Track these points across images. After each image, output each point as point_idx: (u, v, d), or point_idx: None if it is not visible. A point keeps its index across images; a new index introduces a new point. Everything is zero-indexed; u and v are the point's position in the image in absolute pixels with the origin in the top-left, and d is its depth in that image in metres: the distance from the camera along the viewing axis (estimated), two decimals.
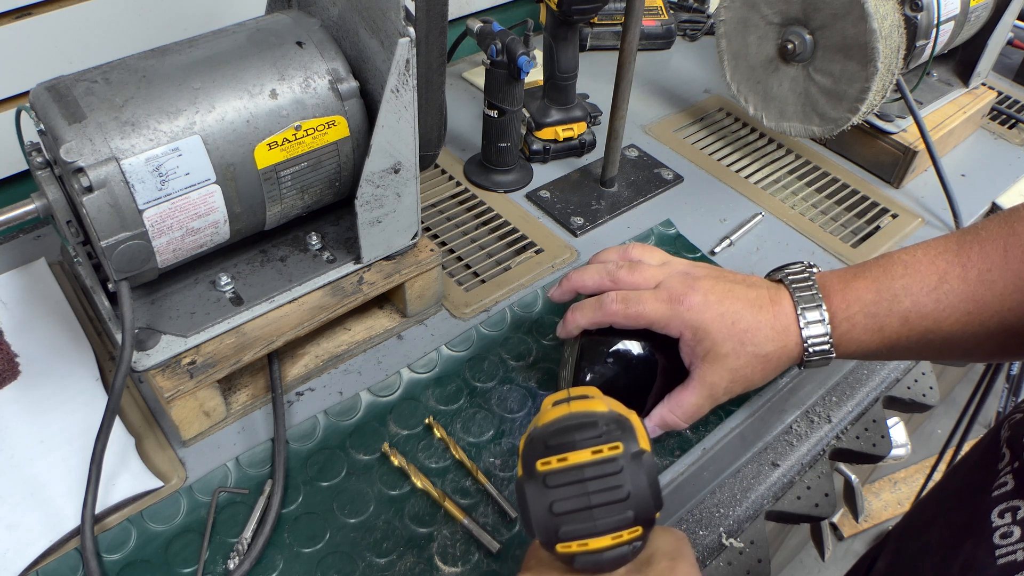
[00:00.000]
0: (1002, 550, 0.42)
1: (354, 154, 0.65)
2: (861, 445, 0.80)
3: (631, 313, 0.62)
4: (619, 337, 0.65)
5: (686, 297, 0.61)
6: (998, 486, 0.45)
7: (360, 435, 0.68)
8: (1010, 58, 1.26)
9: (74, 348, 0.71)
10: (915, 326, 0.57)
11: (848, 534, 1.84)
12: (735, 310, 0.60)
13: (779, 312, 0.60)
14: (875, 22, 0.80)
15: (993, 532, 0.43)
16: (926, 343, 0.58)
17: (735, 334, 0.60)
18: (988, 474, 0.47)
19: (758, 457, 0.75)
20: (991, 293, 0.55)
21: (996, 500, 0.44)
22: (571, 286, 0.68)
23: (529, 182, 0.96)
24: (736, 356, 0.60)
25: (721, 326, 0.60)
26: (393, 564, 0.60)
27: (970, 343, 0.57)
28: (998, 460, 0.47)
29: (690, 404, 0.62)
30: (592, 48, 1.23)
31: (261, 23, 0.64)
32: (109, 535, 0.60)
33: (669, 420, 0.63)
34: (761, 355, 0.60)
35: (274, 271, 0.69)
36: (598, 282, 0.66)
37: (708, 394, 0.61)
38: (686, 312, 0.60)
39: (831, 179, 1.00)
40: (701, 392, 0.61)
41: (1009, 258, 0.55)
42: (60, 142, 0.52)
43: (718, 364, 0.60)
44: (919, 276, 0.58)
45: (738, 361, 0.60)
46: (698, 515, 0.70)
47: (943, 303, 0.57)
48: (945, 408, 2.06)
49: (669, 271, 0.64)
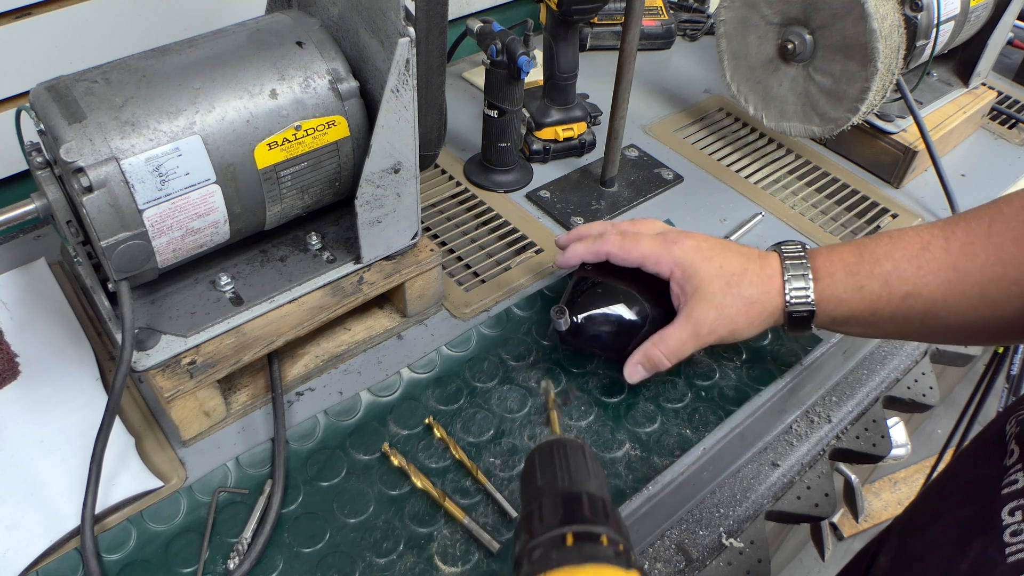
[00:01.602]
0: (1013, 547, 0.42)
1: (354, 154, 0.65)
2: (861, 445, 0.80)
3: (627, 246, 0.66)
4: (612, 277, 0.70)
5: (680, 240, 0.66)
6: (1008, 483, 0.45)
7: (360, 435, 0.68)
8: (1010, 58, 1.26)
9: (74, 348, 0.71)
10: (895, 289, 0.59)
11: (848, 534, 1.84)
12: (724, 256, 0.64)
13: (766, 265, 0.64)
14: (875, 22, 0.80)
15: (1004, 530, 0.43)
16: (908, 309, 0.59)
17: (722, 275, 0.63)
18: (995, 470, 0.46)
19: (758, 457, 0.75)
20: (972, 264, 0.57)
21: (1006, 498, 0.44)
22: (577, 234, 0.72)
23: (529, 182, 0.96)
24: (722, 295, 0.63)
25: (710, 267, 0.64)
26: (393, 564, 0.60)
27: (952, 315, 0.58)
28: (1005, 456, 0.46)
29: (674, 339, 0.64)
30: (592, 48, 1.23)
31: (261, 23, 0.64)
32: (109, 535, 0.60)
33: (653, 355, 0.65)
34: (746, 297, 0.63)
35: (274, 271, 0.69)
36: (601, 228, 0.71)
37: (693, 331, 0.63)
38: (678, 251, 0.65)
39: (831, 179, 1.01)
40: (686, 327, 0.64)
41: (992, 233, 0.56)
42: (60, 142, 0.52)
43: (704, 301, 0.63)
44: (902, 244, 0.60)
45: (724, 299, 0.63)
46: (698, 515, 0.70)
47: (924, 269, 0.58)
48: (945, 408, 2.06)
49: (668, 228, 0.71)
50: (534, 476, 0.47)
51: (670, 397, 0.72)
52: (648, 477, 0.65)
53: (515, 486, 0.65)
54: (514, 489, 0.64)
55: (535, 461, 0.48)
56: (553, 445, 0.49)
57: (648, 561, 0.68)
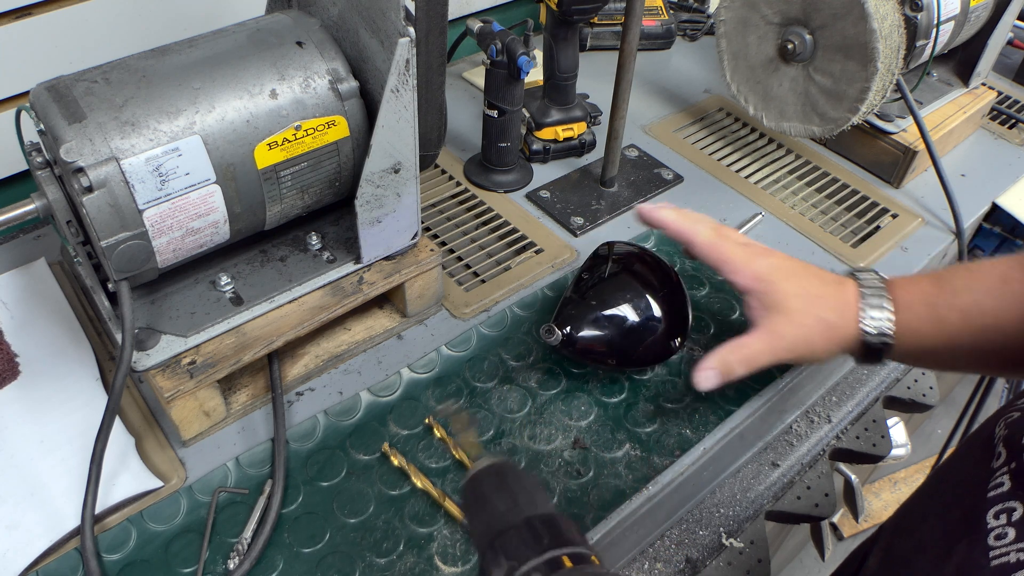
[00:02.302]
0: (996, 551, 0.41)
1: (354, 154, 0.65)
2: (861, 445, 0.80)
3: (714, 241, 0.64)
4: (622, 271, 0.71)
5: (764, 255, 0.64)
6: (994, 486, 0.45)
7: (360, 435, 0.68)
8: (1010, 58, 1.26)
9: (74, 348, 0.71)
10: (975, 322, 0.58)
11: (848, 534, 1.84)
12: (806, 276, 0.62)
13: (844, 291, 0.62)
14: (875, 22, 0.80)
15: (988, 533, 0.42)
16: (987, 342, 0.58)
17: (803, 295, 0.61)
18: (983, 472, 0.46)
19: (758, 457, 0.75)
20: None
21: (992, 501, 0.44)
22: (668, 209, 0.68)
23: (529, 182, 0.96)
24: (803, 313, 0.61)
25: (791, 285, 0.61)
26: (393, 564, 0.60)
27: None
28: (993, 458, 0.46)
29: (752, 348, 0.61)
30: (592, 48, 1.23)
31: (261, 23, 0.64)
32: (109, 535, 0.60)
33: (729, 359, 0.61)
34: (826, 320, 0.61)
35: (274, 271, 0.69)
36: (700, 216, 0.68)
37: (771, 343, 0.61)
38: (760, 265, 0.62)
39: (831, 179, 1.00)
40: (765, 339, 0.61)
41: None
42: (60, 142, 0.52)
43: (784, 316, 0.61)
44: (981, 277, 0.59)
45: (804, 318, 0.61)
46: (698, 515, 0.70)
47: (1005, 302, 0.57)
48: (945, 408, 2.06)
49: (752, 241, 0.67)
50: (489, 502, 0.47)
51: (670, 397, 0.72)
52: (648, 477, 0.65)
53: None
54: None
55: (483, 487, 0.49)
56: (497, 469, 0.49)
57: (648, 561, 0.68)
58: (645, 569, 0.68)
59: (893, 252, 0.90)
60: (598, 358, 0.70)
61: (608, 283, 0.70)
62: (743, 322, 0.79)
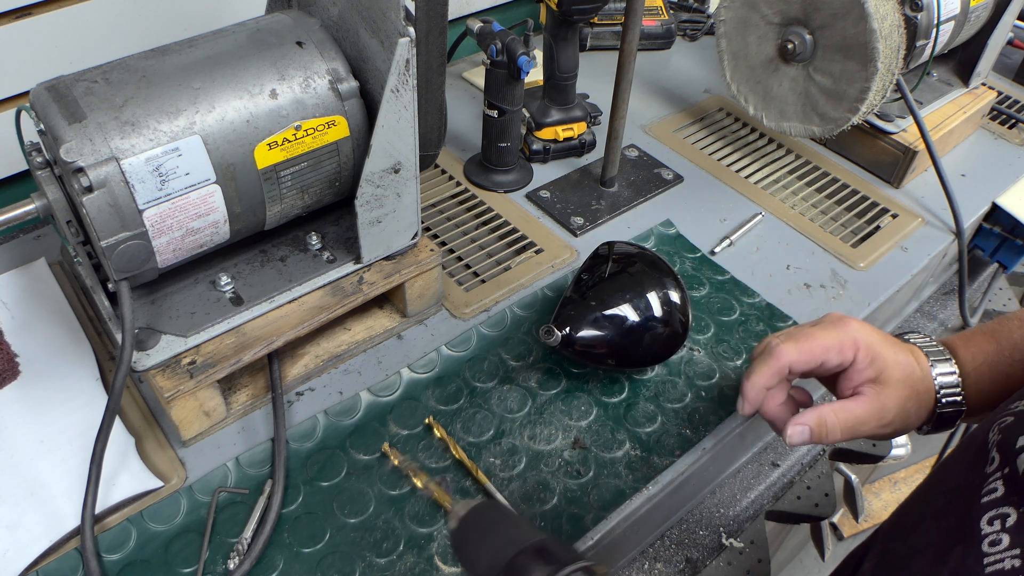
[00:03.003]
0: (991, 558, 0.41)
1: (354, 154, 0.65)
2: (861, 445, 0.80)
3: (803, 347, 0.59)
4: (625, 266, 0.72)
5: (847, 322, 0.60)
6: (988, 492, 0.44)
7: (360, 435, 0.68)
8: (1010, 58, 1.26)
9: (74, 348, 0.71)
10: None
11: (848, 534, 1.84)
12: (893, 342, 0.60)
13: (916, 358, 0.60)
14: (875, 22, 0.80)
15: (982, 540, 0.42)
16: None
17: (900, 364, 0.58)
18: (976, 477, 0.46)
19: (758, 457, 0.75)
20: None
21: (986, 507, 0.44)
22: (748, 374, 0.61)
23: (529, 182, 0.96)
24: (903, 385, 0.58)
25: (889, 353, 0.58)
26: (393, 564, 0.60)
27: None
28: (986, 464, 0.46)
29: (856, 414, 0.58)
30: (592, 48, 1.23)
31: (261, 23, 0.64)
32: (109, 535, 0.60)
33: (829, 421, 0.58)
34: (919, 391, 0.58)
35: (274, 271, 0.69)
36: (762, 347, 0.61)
37: (879, 414, 0.58)
38: (855, 332, 0.59)
39: (831, 179, 1.00)
40: (870, 408, 0.58)
41: None
42: (60, 142, 0.52)
43: (891, 388, 0.58)
44: None
45: (905, 390, 0.58)
46: (698, 515, 0.70)
47: None
48: None
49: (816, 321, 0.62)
50: (487, 536, 0.48)
51: (670, 397, 0.72)
52: (648, 477, 0.65)
53: (516, 486, 0.65)
54: (515, 489, 0.64)
55: (471, 531, 0.50)
56: (485, 508, 0.51)
57: (648, 561, 0.68)
58: (645, 569, 0.68)
59: (893, 252, 0.90)
60: (598, 358, 0.70)
61: (608, 283, 0.70)
62: (743, 322, 0.79)
